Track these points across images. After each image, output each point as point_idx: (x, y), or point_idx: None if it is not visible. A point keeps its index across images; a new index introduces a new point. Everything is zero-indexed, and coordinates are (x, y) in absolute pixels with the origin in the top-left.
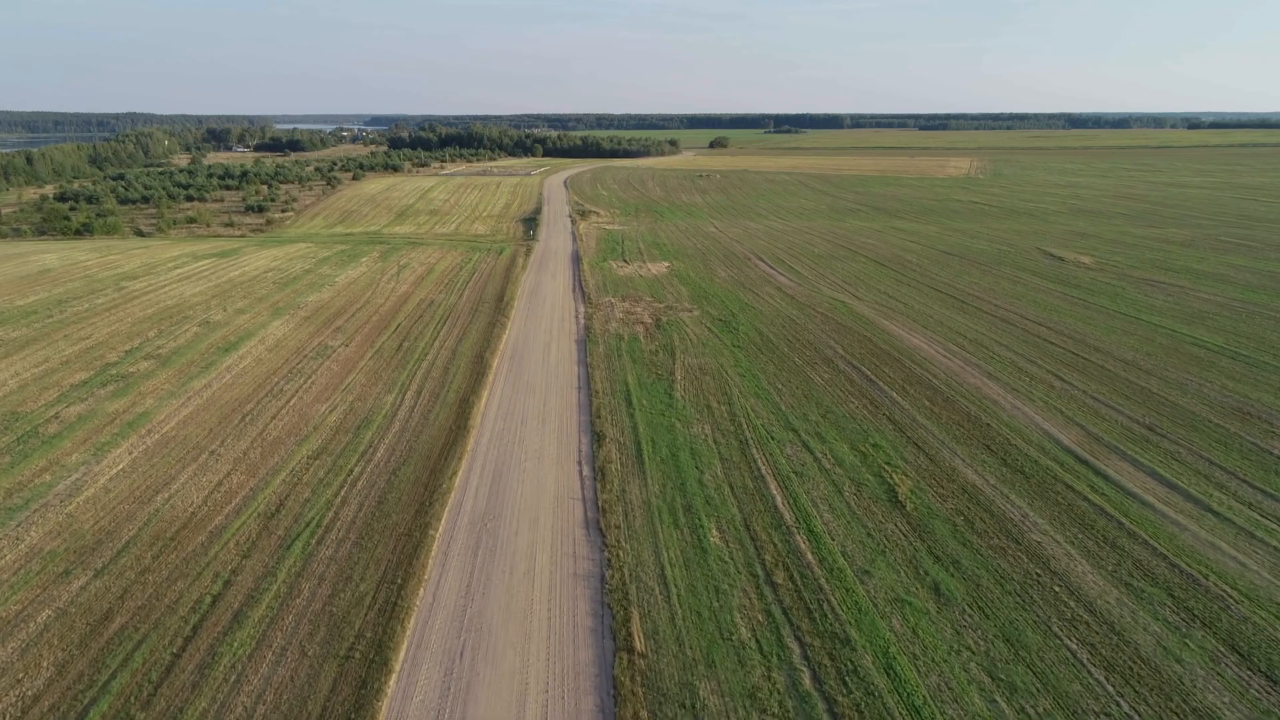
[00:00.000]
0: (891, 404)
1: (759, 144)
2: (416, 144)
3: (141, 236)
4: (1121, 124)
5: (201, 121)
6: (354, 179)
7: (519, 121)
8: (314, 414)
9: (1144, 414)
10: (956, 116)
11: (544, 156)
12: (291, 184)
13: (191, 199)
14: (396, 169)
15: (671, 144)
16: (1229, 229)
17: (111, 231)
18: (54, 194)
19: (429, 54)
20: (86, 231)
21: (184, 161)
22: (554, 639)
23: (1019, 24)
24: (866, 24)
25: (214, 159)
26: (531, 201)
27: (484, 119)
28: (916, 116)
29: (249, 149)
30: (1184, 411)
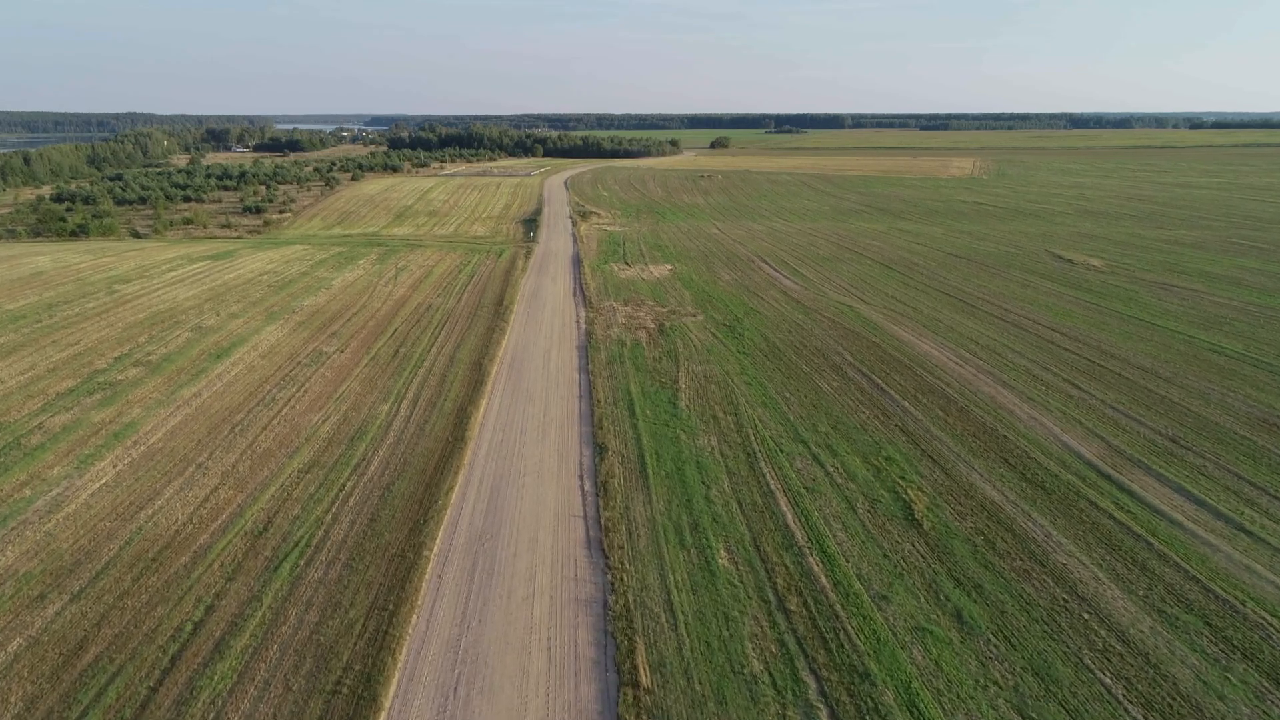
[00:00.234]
0: (903, 414)
1: (760, 144)
2: (416, 144)
3: (137, 238)
4: (1123, 124)
5: (201, 122)
6: (353, 179)
7: (519, 122)
8: (306, 424)
9: (1166, 425)
10: (957, 116)
11: (544, 157)
12: (290, 185)
13: (189, 200)
14: (396, 169)
15: (672, 144)
16: (1239, 230)
17: (107, 233)
18: (51, 195)
19: (429, 54)
20: (82, 233)
21: (183, 162)
22: (554, 672)
23: (1019, 24)
24: (866, 24)
25: (213, 159)
26: (532, 202)
27: (484, 119)
28: (917, 116)
29: (248, 149)
30: (1208, 422)
